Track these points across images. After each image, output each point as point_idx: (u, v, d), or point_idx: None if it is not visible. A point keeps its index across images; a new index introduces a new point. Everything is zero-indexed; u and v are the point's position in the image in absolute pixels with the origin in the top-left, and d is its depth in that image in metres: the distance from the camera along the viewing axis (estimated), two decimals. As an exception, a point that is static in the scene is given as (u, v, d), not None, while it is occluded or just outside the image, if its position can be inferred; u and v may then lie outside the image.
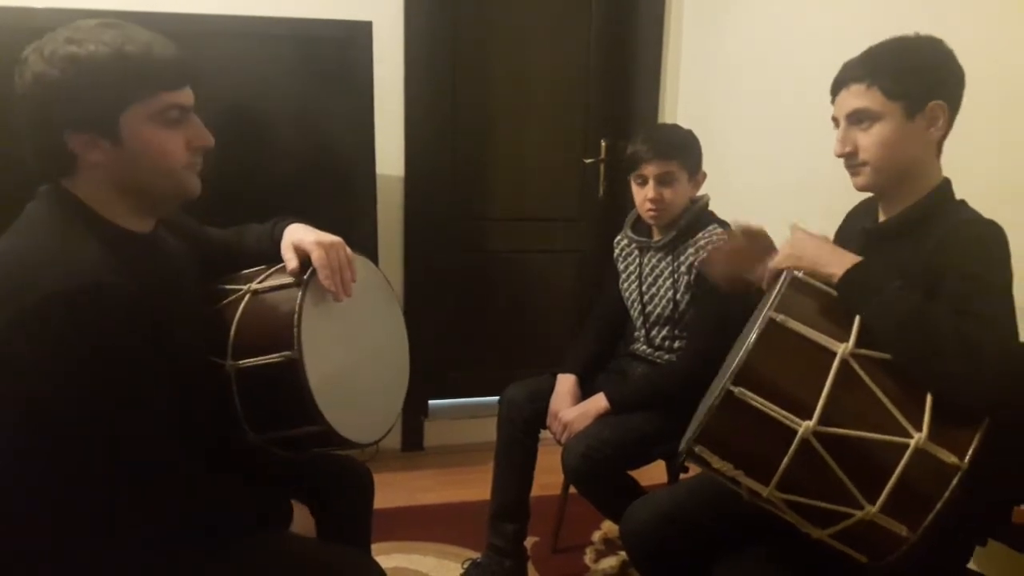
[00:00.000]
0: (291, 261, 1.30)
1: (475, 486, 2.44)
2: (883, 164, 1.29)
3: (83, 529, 1.06)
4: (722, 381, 1.12)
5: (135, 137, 1.07)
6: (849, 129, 1.31)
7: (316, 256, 1.29)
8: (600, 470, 1.77)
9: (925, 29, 1.31)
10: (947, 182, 1.32)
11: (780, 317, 1.12)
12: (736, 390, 1.09)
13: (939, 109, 1.27)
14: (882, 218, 1.38)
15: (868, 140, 1.29)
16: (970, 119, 1.33)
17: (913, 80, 1.26)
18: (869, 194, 1.42)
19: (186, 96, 1.12)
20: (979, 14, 1.68)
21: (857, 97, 1.29)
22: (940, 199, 1.30)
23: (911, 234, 1.29)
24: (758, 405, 1.09)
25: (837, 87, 1.34)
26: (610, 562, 2.17)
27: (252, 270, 1.37)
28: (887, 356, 1.11)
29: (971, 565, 1.35)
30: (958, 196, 1.32)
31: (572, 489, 1.94)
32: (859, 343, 1.11)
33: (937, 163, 1.33)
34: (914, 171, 1.30)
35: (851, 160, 1.33)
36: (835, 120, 1.35)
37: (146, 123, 1.08)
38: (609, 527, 2.31)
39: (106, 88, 1.04)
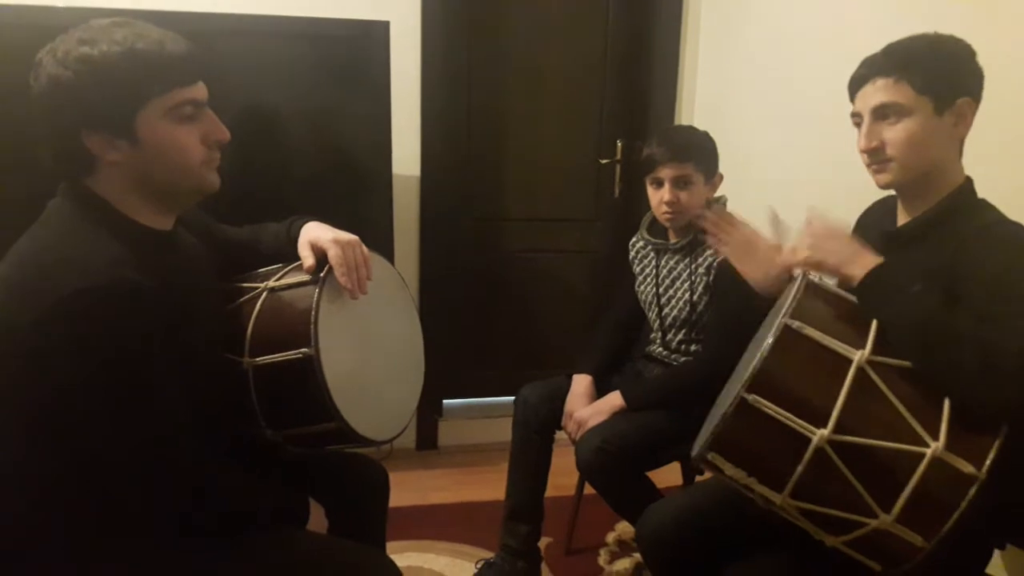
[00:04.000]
0: (308, 259, 1.31)
1: (489, 486, 2.45)
2: (910, 160, 1.26)
3: (98, 525, 1.07)
4: (736, 388, 1.11)
5: (151, 135, 1.08)
6: (875, 124, 1.28)
7: (333, 254, 1.30)
8: (615, 464, 1.77)
9: (944, 26, 1.29)
10: (969, 182, 1.30)
11: (796, 323, 1.10)
12: (750, 397, 1.08)
13: (967, 106, 1.25)
14: (903, 220, 1.35)
15: (895, 135, 1.26)
16: (991, 118, 1.31)
17: (942, 75, 1.24)
18: (888, 192, 1.39)
19: (200, 91, 1.12)
20: (1001, 11, 1.65)
21: (884, 91, 1.26)
22: (963, 200, 1.28)
23: (933, 237, 1.27)
24: (772, 413, 1.08)
25: (859, 83, 1.31)
26: (624, 564, 2.17)
27: (269, 268, 1.38)
28: (904, 363, 1.09)
29: (989, 570, 1.33)
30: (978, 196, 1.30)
31: (587, 490, 1.94)
32: (876, 350, 1.10)
33: (959, 162, 1.30)
34: (939, 170, 1.28)
35: (876, 156, 1.29)
36: (856, 116, 1.32)
37: (161, 120, 1.08)
38: (623, 528, 2.31)
39: (120, 87, 1.04)
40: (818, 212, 1.28)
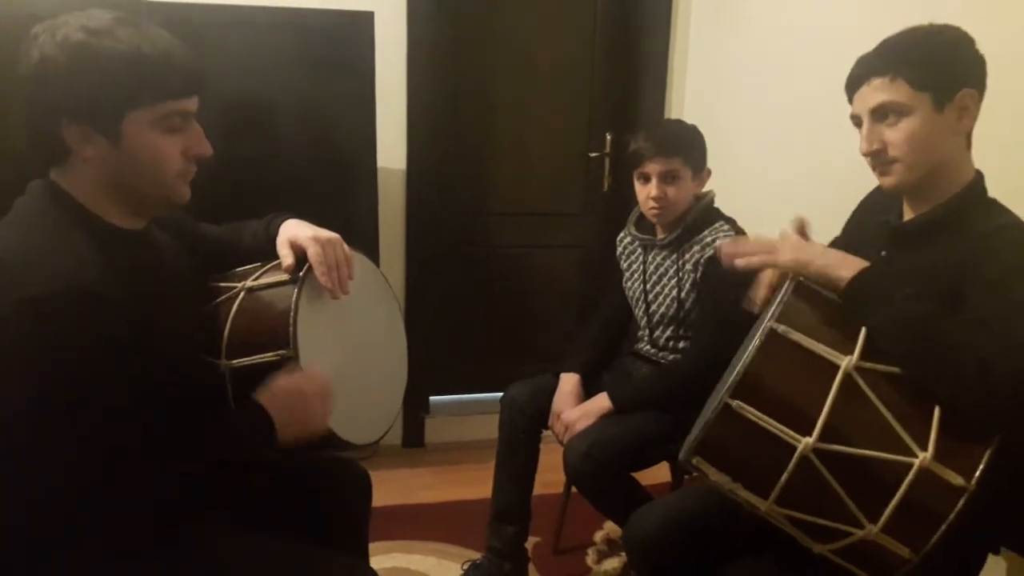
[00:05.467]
0: (287, 258, 1.28)
1: (476, 484, 2.42)
2: (916, 161, 1.21)
3: (61, 537, 1.03)
4: (721, 392, 1.09)
5: (134, 139, 1.05)
6: (874, 126, 1.24)
7: (312, 252, 1.27)
8: (603, 470, 1.75)
9: (944, 16, 1.25)
10: (980, 177, 1.25)
11: (781, 327, 1.08)
12: (734, 403, 1.06)
13: (969, 98, 1.20)
14: (909, 215, 1.31)
15: (897, 135, 1.21)
16: (999, 110, 1.28)
17: (939, 69, 1.20)
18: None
19: (192, 104, 1.10)
20: (999, 6, 1.63)
21: (881, 91, 1.21)
22: (972, 197, 1.24)
23: (941, 236, 1.22)
24: (756, 419, 1.06)
25: (856, 84, 1.26)
26: (612, 563, 2.15)
27: (247, 267, 1.34)
28: (893, 370, 1.07)
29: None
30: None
31: (574, 488, 1.92)
32: (864, 356, 1.07)
33: (968, 155, 1.26)
34: (946, 166, 1.23)
35: (879, 158, 1.24)
36: (855, 118, 1.28)
37: (148, 127, 1.06)
38: (611, 527, 2.29)
39: (114, 87, 1.02)
40: (803, 222, 1.25)
